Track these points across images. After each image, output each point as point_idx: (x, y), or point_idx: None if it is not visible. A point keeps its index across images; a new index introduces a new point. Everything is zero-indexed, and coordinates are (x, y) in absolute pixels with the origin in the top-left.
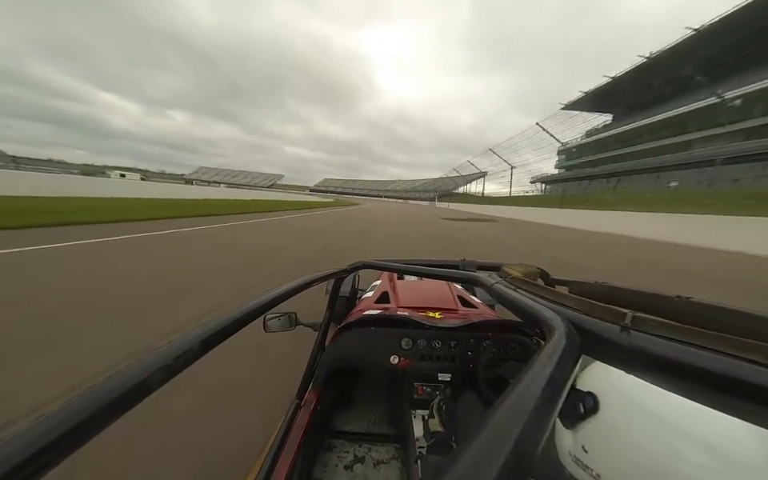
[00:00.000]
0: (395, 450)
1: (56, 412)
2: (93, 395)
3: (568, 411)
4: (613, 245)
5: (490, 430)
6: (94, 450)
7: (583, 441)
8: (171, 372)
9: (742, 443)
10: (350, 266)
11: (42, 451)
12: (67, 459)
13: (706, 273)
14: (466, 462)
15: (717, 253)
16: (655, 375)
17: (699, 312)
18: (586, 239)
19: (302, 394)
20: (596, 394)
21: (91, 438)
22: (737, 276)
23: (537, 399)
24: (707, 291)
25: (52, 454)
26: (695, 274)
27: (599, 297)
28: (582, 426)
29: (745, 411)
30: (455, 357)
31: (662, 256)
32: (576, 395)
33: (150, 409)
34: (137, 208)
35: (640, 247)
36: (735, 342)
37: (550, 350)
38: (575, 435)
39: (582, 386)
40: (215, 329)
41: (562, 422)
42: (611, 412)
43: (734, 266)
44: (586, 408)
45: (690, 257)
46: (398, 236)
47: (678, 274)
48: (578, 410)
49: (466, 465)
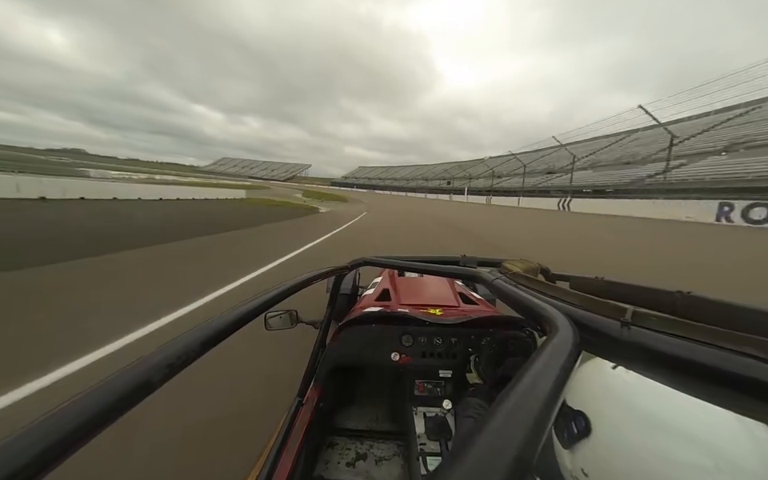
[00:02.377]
0: (397, 447)
1: (59, 411)
2: (96, 394)
3: (562, 429)
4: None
5: (491, 426)
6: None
7: (582, 463)
8: (173, 370)
9: (740, 440)
10: (350, 263)
11: (45, 450)
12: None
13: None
14: (469, 458)
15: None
16: (656, 370)
17: (699, 307)
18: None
19: (303, 391)
20: (588, 413)
21: (96, 435)
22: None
23: (538, 395)
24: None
25: (56, 452)
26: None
27: (600, 292)
28: (578, 447)
29: (744, 406)
30: (456, 353)
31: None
32: (567, 413)
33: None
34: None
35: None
36: (735, 336)
37: (551, 346)
38: (573, 456)
39: (575, 402)
40: (216, 328)
41: (559, 440)
42: (605, 434)
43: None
44: (579, 429)
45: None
46: None
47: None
48: (572, 429)
49: (468, 461)
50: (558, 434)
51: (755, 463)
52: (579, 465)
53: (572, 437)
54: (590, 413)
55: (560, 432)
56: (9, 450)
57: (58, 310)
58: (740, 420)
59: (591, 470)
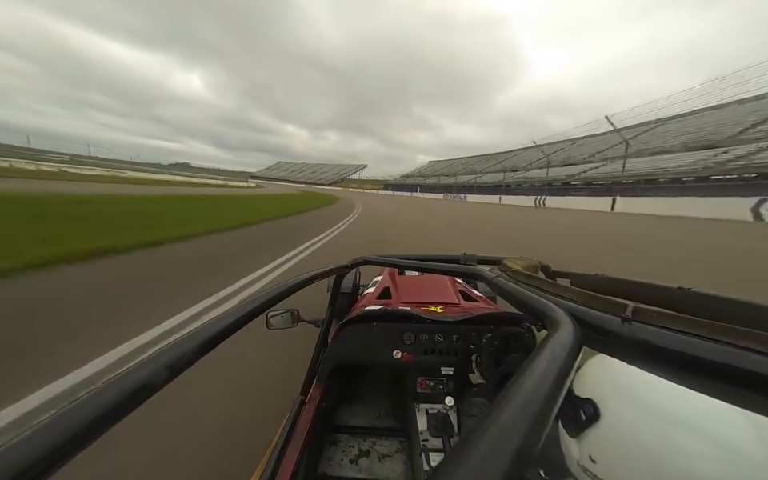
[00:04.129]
0: (400, 444)
1: (61, 412)
2: (98, 395)
3: (569, 419)
4: None
5: (493, 422)
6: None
7: (590, 450)
8: (174, 371)
9: (744, 431)
10: (350, 262)
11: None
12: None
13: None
14: (471, 455)
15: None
16: (656, 366)
17: (699, 302)
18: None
19: (306, 390)
20: (596, 400)
21: (98, 439)
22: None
23: (539, 392)
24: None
25: (57, 456)
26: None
27: (600, 289)
28: (586, 435)
29: (745, 400)
30: (458, 350)
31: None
32: (575, 402)
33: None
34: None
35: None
36: (735, 331)
37: (552, 343)
38: (580, 444)
39: (583, 391)
40: (217, 328)
41: (566, 429)
42: (614, 420)
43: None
44: (587, 415)
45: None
46: None
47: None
48: (579, 417)
49: (470, 458)
50: (566, 424)
51: (759, 453)
52: (587, 452)
53: (580, 425)
54: (598, 400)
55: (567, 422)
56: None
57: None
58: (744, 412)
59: (599, 455)
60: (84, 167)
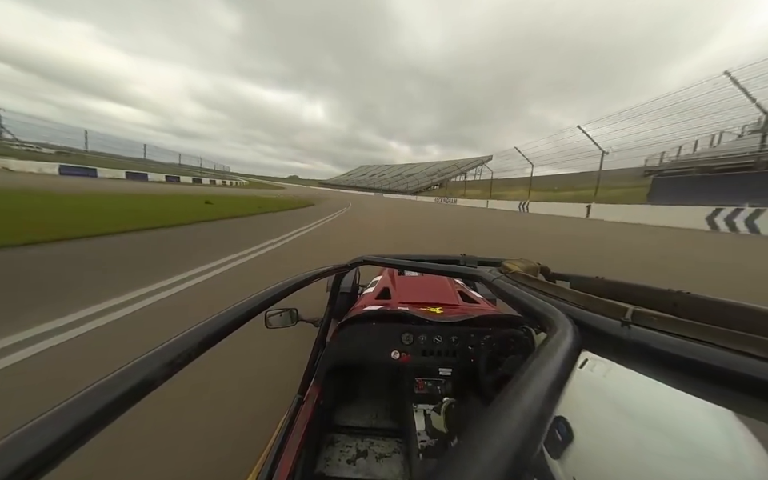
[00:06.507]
0: (397, 444)
1: (61, 408)
2: (98, 391)
3: (549, 439)
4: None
5: (491, 425)
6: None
7: (572, 471)
8: (173, 368)
9: (713, 433)
10: (350, 262)
11: (47, 449)
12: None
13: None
14: (468, 457)
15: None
16: (657, 370)
17: (699, 306)
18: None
19: (304, 389)
20: (566, 417)
21: (98, 433)
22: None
23: (538, 395)
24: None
25: (56, 451)
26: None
27: (600, 292)
28: (566, 455)
29: (745, 405)
30: (456, 352)
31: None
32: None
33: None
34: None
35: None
36: (734, 336)
37: (551, 345)
38: (563, 466)
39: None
40: (216, 326)
41: (549, 452)
42: (585, 436)
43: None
44: (562, 435)
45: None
46: None
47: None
48: (556, 437)
49: (467, 460)
50: (547, 445)
51: (727, 454)
52: (570, 472)
53: (558, 445)
54: (567, 416)
55: (548, 443)
56: (10, 448)
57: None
58: (714, 415)
59: (581, 475)
60: (256, 180)
